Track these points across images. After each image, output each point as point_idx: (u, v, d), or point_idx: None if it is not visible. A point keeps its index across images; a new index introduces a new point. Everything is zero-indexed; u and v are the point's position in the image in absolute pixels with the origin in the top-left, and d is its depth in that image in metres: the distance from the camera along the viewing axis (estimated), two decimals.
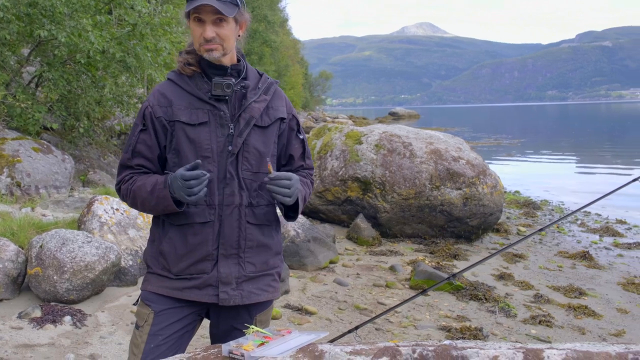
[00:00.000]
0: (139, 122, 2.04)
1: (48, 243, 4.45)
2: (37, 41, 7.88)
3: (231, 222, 2.01)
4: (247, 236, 2.04)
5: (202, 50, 1.98)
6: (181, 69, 2.06)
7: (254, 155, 2.04)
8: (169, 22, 8.51)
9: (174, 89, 2.04)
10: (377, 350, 1.27)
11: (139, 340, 2.00)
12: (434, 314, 5.08)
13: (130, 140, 2.05)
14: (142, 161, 2.04)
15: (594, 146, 28.58)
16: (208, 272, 2.00)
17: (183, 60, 2.06)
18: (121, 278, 4.99)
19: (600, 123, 60.01)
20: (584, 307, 5.31)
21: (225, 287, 2.01)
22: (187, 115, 1.99)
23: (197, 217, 1.99)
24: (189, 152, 1.98)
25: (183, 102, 2.01)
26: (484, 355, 1.16)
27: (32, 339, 3.84)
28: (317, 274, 6.03)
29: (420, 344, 1.26)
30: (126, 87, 8.64)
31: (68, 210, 6.61)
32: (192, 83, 2.03)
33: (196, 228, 1.99)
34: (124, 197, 2.08)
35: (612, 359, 1.08)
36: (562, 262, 7.09)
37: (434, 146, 7.99)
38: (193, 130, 1.98)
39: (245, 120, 2.02)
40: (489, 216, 7.82)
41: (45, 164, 7.16)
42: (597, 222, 9.76)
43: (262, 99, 2.08)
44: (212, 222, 2.00)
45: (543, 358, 1.12)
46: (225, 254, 2.01)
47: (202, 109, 2.00)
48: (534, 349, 1.15)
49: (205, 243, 1.99)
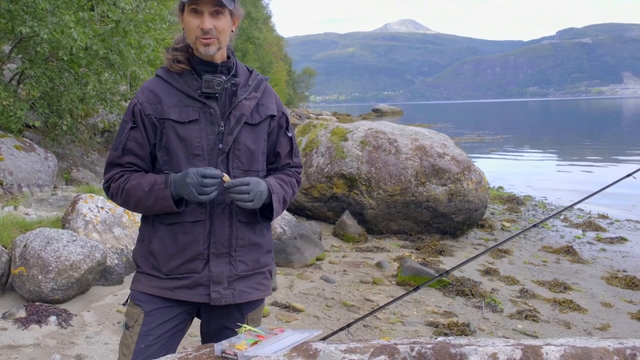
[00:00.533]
0: (128, 119, 2.00)
1: (32, 242, 4.38)
2: (18, 38, 7.76)
3: (222, 220, 1.99)
4: (238, 235, 2.02)
5: (198, 44, 1.94)
6: (170, 66, 2.02)
7: (244, 153, 2.02)
8: (152, 18, 8.43)
9: (163, 86, 2.00)
10: (375, 349, 1.27)
11: (129, 340, 1.98)
12: (421, 310, 5.10)
13: (120, 137, 2.00)
14: (133, 159, 2.00)
15: (575, 142, 28.91)
16: (199, 271, 1.98)
17: (172, 57, 2.02)
18: (107, 277, 4.94)
19: (581, 119, 60.70)
20: (569, 302, 5.37)
21: (217, 286, 1.99)
22: (176, 112, 1.95)
23: (187, 216, 1.96)
24: (179, 150, 1.96)
25: (173, 99, 1.97)
26: (483, 352, 1.16)
27: (17, 340, 3.78)
28: (304, 271, 6.02)
29: (417, 342, 1.26)
30: (110, 84, 8.54)
31: (51, 209, 6.52)
32: (181, 80, 1.99)
33: (187, 227, 1.97)
34: (113, 196, 2.04)
35: (610, 354, 1.09)
36: (546, 257, 7.17)
37: (419, 142, 8.02)
38: (183, 128, 1.95)
39: (235, 117, 2.00)
40: (474, 212, 7.87)
41: (28, 162, 7.06)
42: (579, 217, 9.88)
43: (252, 96, 2.06)
44: (203, 221, 1.97)
45: (542, 355, 1.13)
46: (217, 252, 1.99)
47: (192, 106, 1.97)
48: (532, 346, 1.15)
49: (196, 242, 1.97)
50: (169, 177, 1.92)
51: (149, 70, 8.62)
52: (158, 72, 2.06)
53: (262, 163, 2.11)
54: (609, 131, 38.36)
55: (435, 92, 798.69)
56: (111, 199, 2.07)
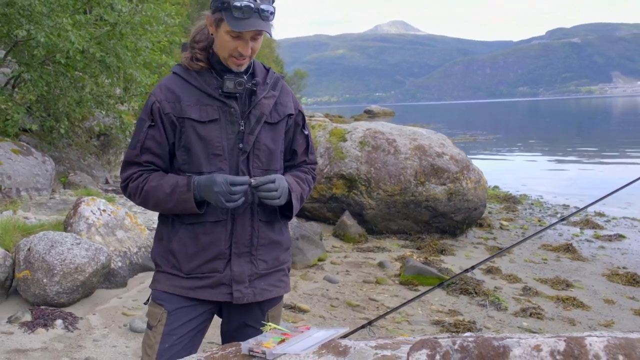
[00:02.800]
0: (146, 117, 1.96)
1: (36, 246, 4.36)
2: (14, 41, 7.71)
3: (244, 220, 1.98)
4: (259, 234, 2.02)
5: (230, 61, 1.93)
6: (188, 64, 1.99)
7: (264, 153, 2.02)
8: (149, 21, 8.40)
9: (182, 84, 1.97)
10: (415, 343, 1.27)
11: (153, 340, 1.97)
12: (426, 309, 5.11)
13: (138, 136, 1.97)
14: (151, 158, 1.97)
15: (565, 141, 29.10)
16: (220, 270, 1.97)
17: (190, 55, 1.99)
18: (111, 280, 4.91)
19: (571, 118, 61.10)
20: (572, 299, 5.40)
21: (239, 285, 1.99)
22: (196, 112, 1.93)
23: (209, 216, 1.95)
24: (200, 149, 1.94)
25: (192, 98, 1.95)
26: (526, 344, 1.17)
27: (24, 344, 3.76)
28: (306, 272, 6.02)
29: (459, 336, 1.26)
30: (106, 87, 8.51)
31: (51, 212, 6.49)
32: (200, 78, 1.97)
33: (208, 227, 1.96)
34: (131, 195, 2.01)
35: None
36: (546, 254, 7.21)
37: (418, 142, 8.04)
38: (203, 127, 1.93)
39: (255, 117, 1.98)
40: (473, 211, 7.90)
41: (26, 166, 7.02)
42: (577, 215, 9.93)
43: (271, 95, 2.04)
44: (225, 221, 1.96)
45: (585, 345, 1.13)
46: (238, 252, 1.98)
47: (211, 105, 1.95)
48: (576, 337, 1.16)
49: (218, 242, 1.96)
50: (192, 180, 1.90)
51: (146, 73, 8.59)
52: (175, 69, 2.02)
53: (280, 162, 2.11)
54: (599, 129, 38.68)
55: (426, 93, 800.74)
56: (129, 197, 2.04)
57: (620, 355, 1.10)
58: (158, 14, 8.48)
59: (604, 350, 1.12)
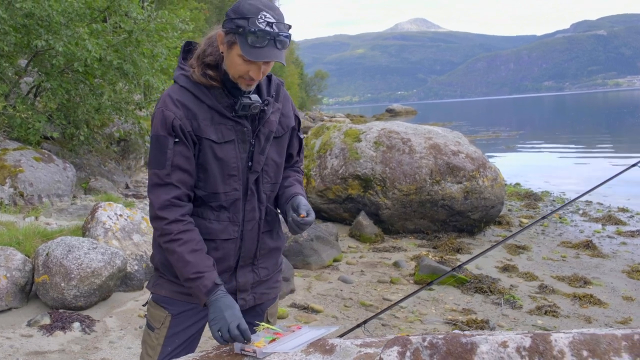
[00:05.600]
0: (166, 134, 1.85)
1: (54, 251, 4.47)
2: (34, 52, 7.90)
3: (252, 236, 2.01)
4: (261, 245, 2.06)
5: (240, 82, 1.87)
6: (197, 79, 1.90)
7: (272, 168, 2.04)
8: (164, 27, 8.53)
9: (193, 101, 1.89)
10: (388, 341, 1.30)
11: (155, 342, 2.01)
12: (439, 308, 5.11)
13: (164, 154, 1.86)
14: (182, 175, 1.88)
15: (592, 135, 28.60)
16: (226, 282, 1.98)
17: (200, 70, 1.90)
18: (127, 283, 5.01)
19: (598, 112, 60.06)
20: (590, 296, 5.34)
21: (243, 294, 2.04)
22: (213, 132, 1.89)
23: (220, 234, 1.96)
24: (216, 170, 1.91)
25: (206, 116, 1.89)
26: (493, 341, 1.19)
27: (42, 346, 3.86)
28: (321, 273, 6.06)
29: (429, 334, 1.29)
30: (124, 93, 8.66)
31: (71, 218, 6.63)
32: (211, 95, 1.90)
33: (218, 243, 1.97)
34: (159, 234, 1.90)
35: (619, 339, 1.11)
36: (565, 252, 7.13)
37: (433, 141, 8.02)
38: (220, 148, 1.90)
39: (264, 135, 1.97)
40: (490, 209, 7.85)
41: (47, 173, 7.19)
42: (599, 211, 9.79)
43: (276, 109, 2.03)
44: (236, 239, 1.99)
45: (550, 342, 1.15)
46: (243, 264, 2.03)
47: (225, 124, 1.90)
48: (541, 334, 1.18)
49: (227, 258, 1.99)
50: (215, 290, 1.84)
51: (162, 79, 8.72)
52: (181, 82, 1.92)
53: (282, 172, 2.14)
54: (627, 123, 37.90)
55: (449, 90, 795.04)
56: (156, 229, 1.93)
57: (584, 351, 1.12)
58: (173, 20, 8.60)
59: (568, 346, 1.13)
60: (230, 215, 1.96)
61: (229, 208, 1.95)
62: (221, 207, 1.95)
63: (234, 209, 1.96)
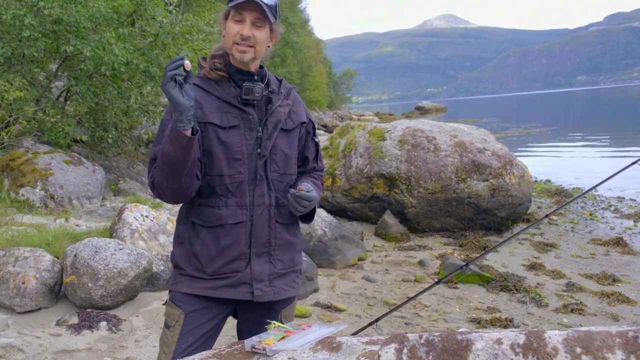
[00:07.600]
0: (169, 118, 1.95)
1: (82, 252, 4.58)
2: (63, 57, 8.09)
3: (262, 221, 2.07)
4: (276, 235, 2.10)
5: (234, 50, 2.01)
6: (207, 74, 2.08)
7: (280, 158, 2.11)
8: (189, 30, 8.65)
9: (202, 93, 2.05)
10: (386, 338, 1.31)
11: (170, 340, 2.07)
12: (463, 306, 5.07)
13: (162, 133, 1.99)
14: None
15: (627, 130, 27.94)
16: (242, 270, 2.05)
17: (209, 65, 2.09)
18: (154, 283, 5.10)
19: (634, 106, 58.60)
20: (618, 294, 5.24)
21: (259, 284, 2.07)
22: (218, 118, 2.02)
23: (229, 219, 2.04)
24: (220, 154, 2.02)
25: (213, 105, 2.03)
26: (488, 338, 1.19)
27: (70, 345, 3.97)
28: (345, 272, 6.07)
29: (427, 331, 1.30)
30: (151, 96, 8.81)
31: (100, 219, 6.78)
32: (219, 87, 2.06)
33: (228, 229, 2.04)
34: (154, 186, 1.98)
35: (613, 337, 1.10)
36: (595, 249, 7.00)
37: (458, 139, 7.96)
38: (224, 133, 2.02)
39: (272, 124, 2.08)
40: (517, 206, 7.75)
41: (77, 176, 7.36)
42: (631, 207, 9.58)
43: (285, 104, 2.15)
44: (244, 222, 2.05)
45: (544, 339, 1.15)
46: (257, 252, 2.07)
47: (231, 112, 2.04)
48: (535, 331, 1.18)
49: (238, 243, 2.04)
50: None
51: None
52: (194, 81, 2.04)
53: (294, 167, 2.21)
54: None
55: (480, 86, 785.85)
56: (153, 188, 2.00)
57: (578, 348, 1.12)
58: (198, 23, 8.71)
59: (562, 343, 1.13)
60: (237, 200, 2.03)
61: (235, 192, 2.03)
62: (228, 192, 2.03)
63: (240, 192, 2.03)
